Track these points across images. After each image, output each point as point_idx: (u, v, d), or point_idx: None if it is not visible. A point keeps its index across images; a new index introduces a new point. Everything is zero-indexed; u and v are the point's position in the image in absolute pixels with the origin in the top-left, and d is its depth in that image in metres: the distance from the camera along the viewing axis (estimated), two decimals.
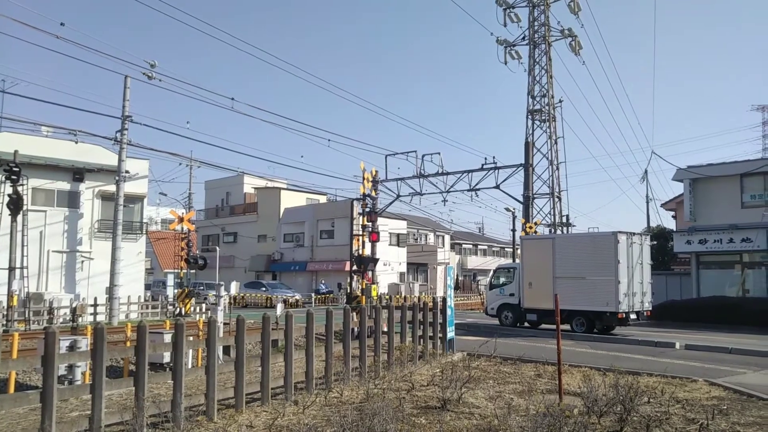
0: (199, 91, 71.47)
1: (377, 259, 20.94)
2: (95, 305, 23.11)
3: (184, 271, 25.74)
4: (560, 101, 35.04)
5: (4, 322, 20.28)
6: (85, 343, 10.63)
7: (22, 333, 15.57)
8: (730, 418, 8.04)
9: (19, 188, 21.73)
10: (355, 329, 11.51)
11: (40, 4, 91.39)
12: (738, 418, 8.10)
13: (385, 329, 12.16)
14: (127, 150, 24.15)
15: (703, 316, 24.12)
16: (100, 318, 22.86)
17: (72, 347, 10.35)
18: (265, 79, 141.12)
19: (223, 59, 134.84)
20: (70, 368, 10.22)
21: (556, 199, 33.71)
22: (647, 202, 41.29)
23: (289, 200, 50.86)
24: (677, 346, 16.90)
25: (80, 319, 20.54)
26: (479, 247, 75.15)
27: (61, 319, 21.97)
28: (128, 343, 11.60)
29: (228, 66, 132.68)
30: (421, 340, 13.26)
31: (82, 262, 27.60)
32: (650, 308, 20.79)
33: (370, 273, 20.00)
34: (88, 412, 7.01)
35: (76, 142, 26.04)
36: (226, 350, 12.85)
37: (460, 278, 50.41)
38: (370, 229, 20.74)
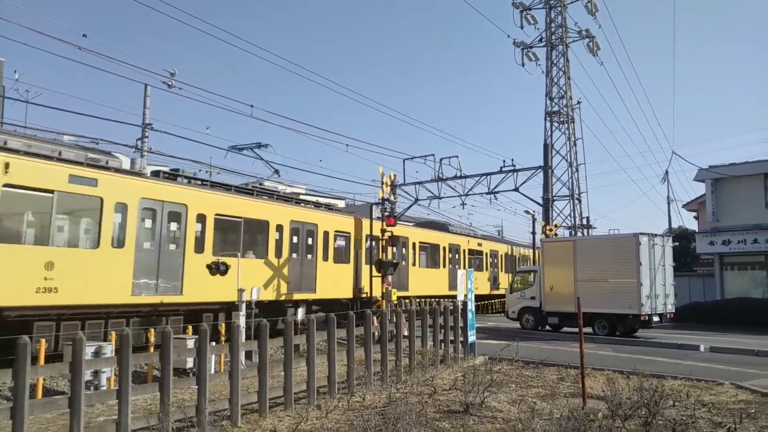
0: (218, 98, 72.03)
1: (397, 263, 20.91)
2: None
3: None
4: (578, 102, 34.96)
5: None
6: (110, 349, 10.78)
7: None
8: (759, 422, 7.93)
9: None
10: (376, 333, 11.53)
11: (64, 16, 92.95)
12: (766, 421, 7.97)
13: (406, 333, 12.18)
14: (148, 157, 24.45)
15: (728, 317, 23.82)
16: None
17: (97, 353, 10.51)
18: (283, 85, 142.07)
19: (241, 65, 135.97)
20: (96, 374, 10.36)
21: (576, 201, 33.47)
22: (668, 203, 40.68)
23: None
24: (702, 348, 16.68)
25: None
26: None
27: None
28: (152, 349, 11.73)
29: (246, 72, 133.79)
30: (443, 344, 13.26)
31: None
32: (673, 310, 20.57)
33: (390, 277, 19.97)
34: (114, 417, 7.11)
35: None
36: (249, 355, 12.93)
37: None
38: (390, 233, 20.75)
